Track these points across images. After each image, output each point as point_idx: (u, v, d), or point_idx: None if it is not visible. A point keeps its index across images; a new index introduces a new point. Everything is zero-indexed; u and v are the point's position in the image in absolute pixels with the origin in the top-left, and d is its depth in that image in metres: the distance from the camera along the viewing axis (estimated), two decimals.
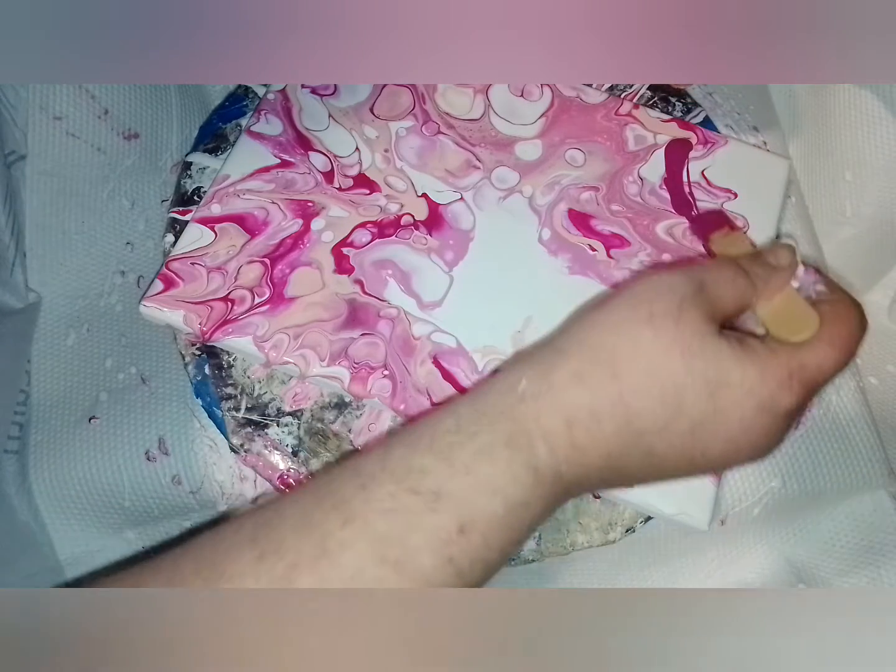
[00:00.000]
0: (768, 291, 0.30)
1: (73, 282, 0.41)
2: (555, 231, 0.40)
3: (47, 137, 0.39)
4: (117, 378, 0.40)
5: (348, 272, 0.38)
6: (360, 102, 0.42)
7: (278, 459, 0.37)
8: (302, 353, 0.36)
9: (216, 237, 0.38)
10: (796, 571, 0.38)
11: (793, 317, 0.29)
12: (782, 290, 0.30)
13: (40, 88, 0.39)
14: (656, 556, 0.39)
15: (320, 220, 0.39)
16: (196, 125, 0.44)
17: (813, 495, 0.38)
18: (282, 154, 0.40)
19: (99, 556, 0.38)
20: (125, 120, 0.41)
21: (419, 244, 0.39)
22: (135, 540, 0.38)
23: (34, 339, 0.40)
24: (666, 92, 0.44)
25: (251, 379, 0.37)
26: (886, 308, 0.44)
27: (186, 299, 0.37)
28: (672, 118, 0.42)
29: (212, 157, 0.41)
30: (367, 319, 0.37)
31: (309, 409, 0.37)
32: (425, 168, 0.40)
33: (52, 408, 0.39)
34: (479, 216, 0.40)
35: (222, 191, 0.39)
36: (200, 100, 0.45)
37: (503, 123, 0.42)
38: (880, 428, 0.40)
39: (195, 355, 0.38)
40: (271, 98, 0.41)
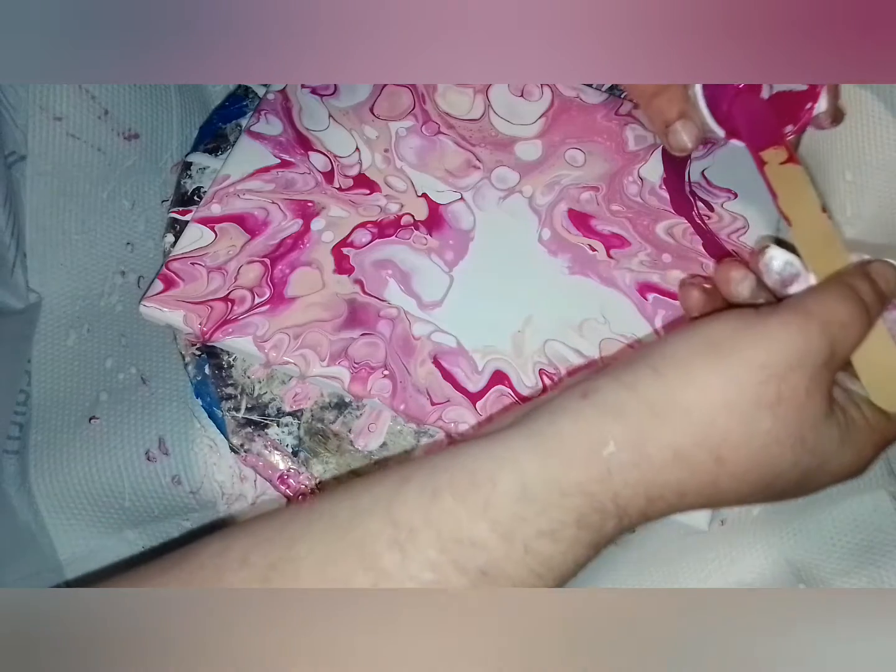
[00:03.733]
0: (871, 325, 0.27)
1: (74, 282, 0.41)
2: (555, 231, 0.40)
3: (47, 138, 0.39)
4: (117, 378, 0.40)
5: (348, 272, 0.38)
6: (360, 102, 0.42)
7: (278, 459, 0.37)
8: (302, 353, 0.36)
9: (216, 237, 0.38)
10: (796, 571, 0.38)
11: (888, 374, 0.27)
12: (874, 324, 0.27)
13: (40, 88, 0.39)
14: (656, 556, 0.39)
15: (320, 220, 0.39)
16: (196, 125, 0.44)
17: (813, 495, 0.38)
18: (282, 154, 0.40)
19: (99, 556, 0.38)
20: (125, 120, 0.41)
21: (419, 244, 0.39)
22: (135, 540, 0.38)
23: (35, 339, 0.40)
24: None
25: (251, 379, 0.37)
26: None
27: (186, 299, 0.37)
28: None
29: (212, 157, 0.41)
30: (367, 319, 0.37)
31: (309, 409, 0.37)
32: (425, 168, 0.40)
33: (52, 408, 0.39)
34: (479, 216, 0.40)
35: (222, 191, 0.39)
36: (200, 100, 0.45)
37: (503, 123, 0.42)
38: None
39: (195, 355, 0.38)
40: (271, 98, 0.41)
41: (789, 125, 0.36)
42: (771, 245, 0.30)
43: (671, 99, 0.36)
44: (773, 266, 0.29)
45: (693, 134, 0.36)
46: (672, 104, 0.36)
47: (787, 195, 0.32)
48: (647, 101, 0.37)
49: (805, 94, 0.36)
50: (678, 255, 0.39)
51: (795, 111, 0.37)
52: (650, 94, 0.37)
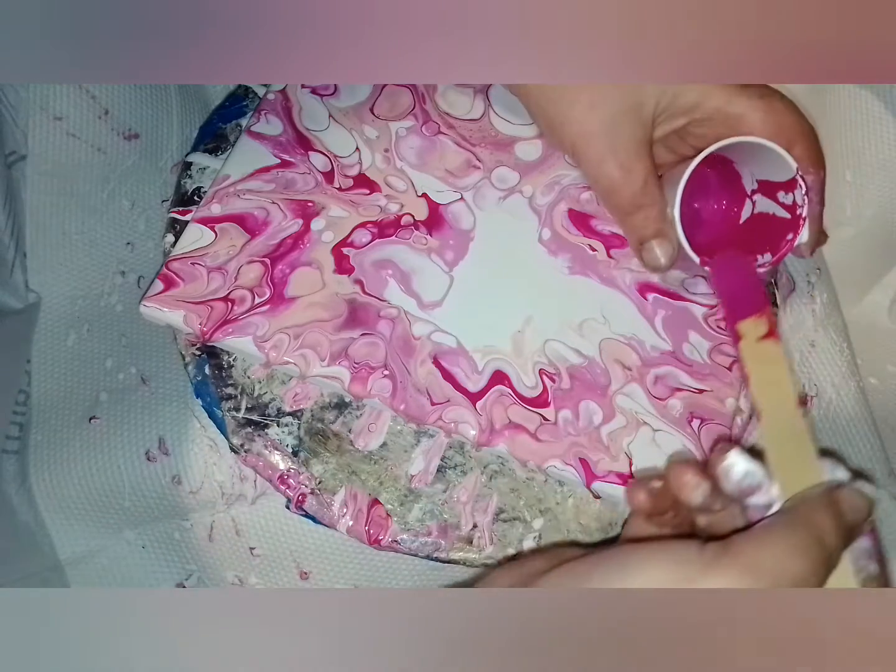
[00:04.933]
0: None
1: (74, 282, 0.41)
2: (555, 231, 0.40)
3: (47, 138, 0.39)
4: (117, 378, 0.40)
5: (348, 272, 0.38)
6: (360, 102, 0.42)
7: (278, 459, 0.37)
8: (302, 353, 0.36)
9: (216, 237, 0.38)
10: None
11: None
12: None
13: (40, 88, 0.39)
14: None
15: (320, 220, 0.39)
16: (196, 125, 0.44)
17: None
18: (282, 154, 0.40)
19: (99, 556, 0.38)
20: (125, 120, 0.41)
21: (419, 244, 0.39)
22: (135, 540, 0.38)
23: (35, 339, 0.40)
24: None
25: (251, 379, 0.37)
26: (886, 308, 0.44)
27: (187, 299, 0.37)
28: None
29: (212, 157, 0.41)
30: (367, 319, 0.37)
31: (309, 409, 0.37)
32: (425, 168, 0.40)
33: (52, 408, 0.39)
34: (480, 216, 0.40)
35: (222, 191, 0.39)
36: (200, 100, 0.45)
37: (503, 123, 0.42)
38: (880, 428, 0.40)
39: (195, 355, 0.38)
40: (271, 98, 0.41)
41: (767, 254, 0.35)
42: (732, 451, 0.27)
43: (648, 217, 0.35)
44: (732, 475, 0.27)
45: (668, 254, 0.35)
46: (648, 221, 0.35)
47: (761, 380, 0.30)
48: (622, 217, 0.36)
49: (787, 223, 0.35)
50: (678, 255, 0.39)
51: (776, 240, 0.35)
52: (626, 210, 0.35)
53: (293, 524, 0.38)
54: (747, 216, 0.37)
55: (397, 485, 0.37)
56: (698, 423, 0.37)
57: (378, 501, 0.36)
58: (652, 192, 0.35)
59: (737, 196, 0.38)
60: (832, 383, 0.40)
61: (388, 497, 0.36)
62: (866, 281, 0.44)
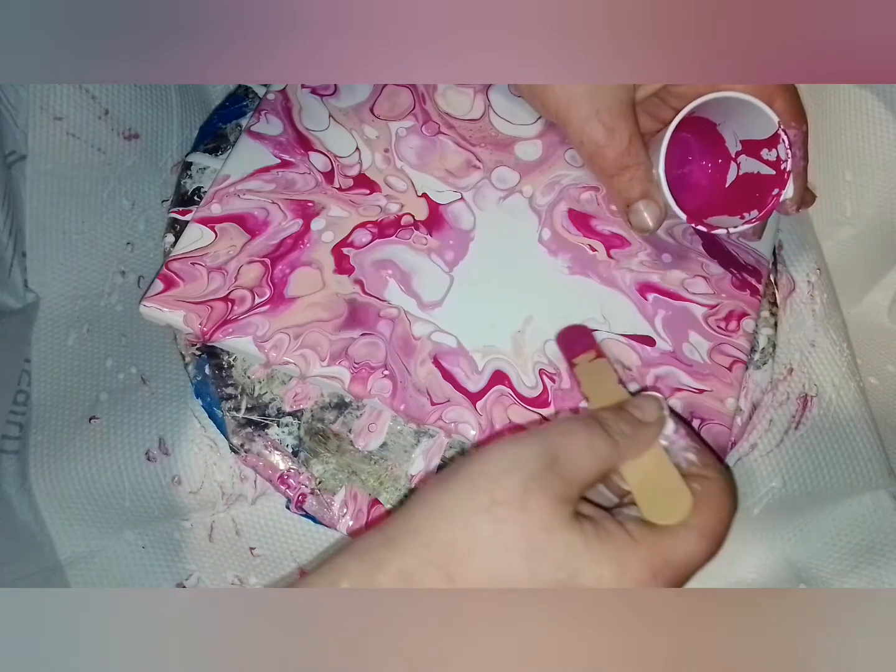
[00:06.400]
0: (634, 450, 0.28)
1: (74, 282, 0.41)
2: (555, 231, 0.40)
3: (47, 138, 0.39)
4: (117, 378, 0.40)
5: (348, 272, 0.38)
6: (360, 102, 0.42)
7: (278, 459, 0.37)
8: (302, 353, 0.36)
9: (216, 237, 0.38)
10: (796, 571, 0.38)
11: (662, 490, 0.27)
12: (649, 447, 0.28)
13: (40, 88, 0.39)
14: None
15: (320, 220, 0.39)
16: (196, 125, 0.44)
17: (813, 495, 0.38)
18: (282, 154, 0.40)
19: (99, 556, 0.38)
20: (125, 120, 0.41)
21: (419, 244, 0.39)
22: (135, 540, 0.38)
23: (35, 339, 0.40)
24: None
25: (251, 379, 0.37)
26: (886, 308, 0.44)
27: (187, 299, 0.37)
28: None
29: (212, 157, 0.41)
30: (367, 319, 0.37)
31: (309, 410, 0.37)
32: (425, 168, 0.40)
33: (52, 408, 0.39)
34: (480, 216, 0.40)
35: (222, 191, 0.39)
36: (200, 100, 0.45)
37: (503, 123, 0.42)
38: (880, 428, 0.40)
39: (195, 355, 0.38)
40: (271, 98, 0.41)
41: (754, 210, 0.35)
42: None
43: (634, 177, 0.35)
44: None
45: (655, 215, 0.35)
46: (634, 182, 0.35)
47: (585, 368, 0.33)
48: (608, 179, 0.36)
49: (772, 179, 0.35)
50: (678, 255, 0.39)
51: (762, 196, 0.35)
52: (611, 172, 0.35)
53: (293, 524, 0.38)
54: (733, 179, 0.38)
55: (397, 485, 0.37)
56: (698, 422, 0.37)
57: (378, 501, 0.36)
58: (637, 153, 0.35)
59: (722, 160, 0.38)
60: (832, 383, 0.40)
61: (388, 497, 0.36)
62: (866, 281, 0.44)
